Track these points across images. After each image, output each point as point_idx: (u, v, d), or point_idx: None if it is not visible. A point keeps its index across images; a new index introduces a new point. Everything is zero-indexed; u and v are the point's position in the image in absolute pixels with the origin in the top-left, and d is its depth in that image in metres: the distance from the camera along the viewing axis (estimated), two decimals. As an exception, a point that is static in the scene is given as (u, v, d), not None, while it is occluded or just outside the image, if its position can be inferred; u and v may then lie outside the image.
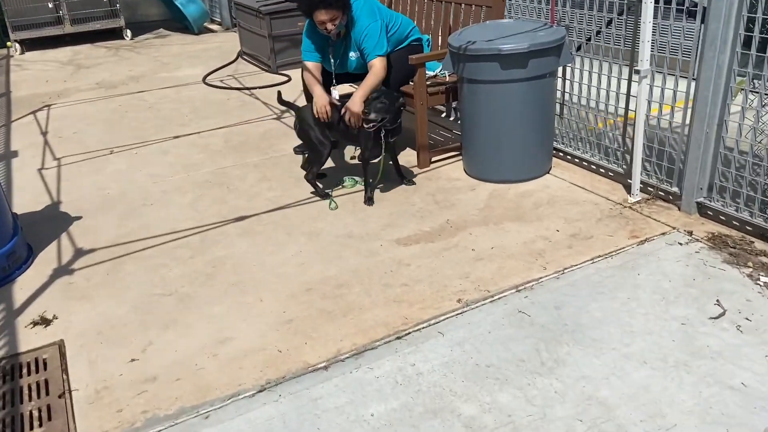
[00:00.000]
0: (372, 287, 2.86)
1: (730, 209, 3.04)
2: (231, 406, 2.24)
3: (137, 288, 3.01)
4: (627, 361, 2.29)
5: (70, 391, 2.38)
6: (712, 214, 3.14)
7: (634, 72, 3.23)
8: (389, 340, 2.50)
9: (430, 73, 4.09)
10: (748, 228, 2.98)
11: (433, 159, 4.14)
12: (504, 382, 2.24)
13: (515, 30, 3.60)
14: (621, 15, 3.42)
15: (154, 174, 4.31)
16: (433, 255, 3.07)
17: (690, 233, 3.05)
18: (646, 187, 3.45)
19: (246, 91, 6.11)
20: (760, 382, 2.14)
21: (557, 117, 3.93)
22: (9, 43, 8.44)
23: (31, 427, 2.23)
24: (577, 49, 3.73)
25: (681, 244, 2.97)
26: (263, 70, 6.84)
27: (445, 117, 4.92)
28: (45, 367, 2.52)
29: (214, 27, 9.59)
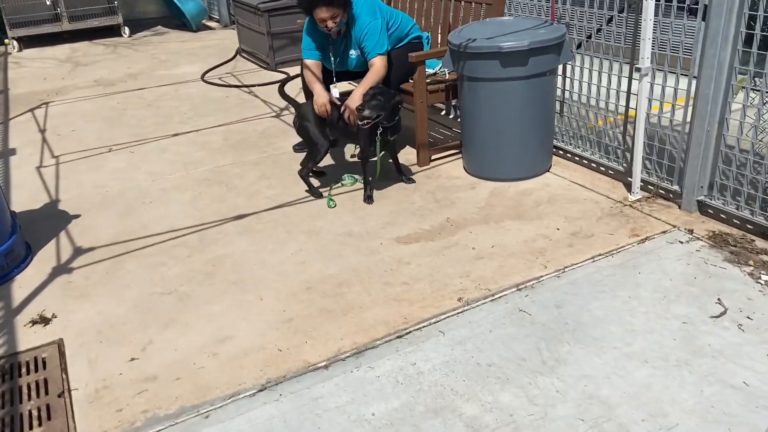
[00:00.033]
0: (372, 286, 2.85)
1: (731, 207, 3.04)
2: (231, 406, 2.23)
3: (136, 286, 3.00)
4: (628, 360, 2.28)
5: (69, 390, 2.38)
6: (712, 212, 3.14)
7: (635, 70, 3.22)
8: (390, 339, 2.49)
9: (430, 70, 4.08)
10: (749, 226, 2.98)
11: (433, 157, 4.13)
12: (505, 381, 2.23)
13: (515, 27, 3.59)
14: (622, 12, 3.41)
15: (153, 172, 4.29)
16: (434, 253, 3.06)
17: (691, 232, 3.04)
18: (646, 185, 3.44)
19: (245, 88, 6.10)
20: (762, 381, 2.13)
21: (557, 115, 3.92)
22: (7, 41, 8.41)
23: (31, 426, 2.22)
24: (578, 47, 3.72)
25: (682, 242, 2.97)
26: (262, 67, 6.82)
27: (445, 115, 4.91)
28: (44, 366, 2.51)
29: (212, 24, 9.56)
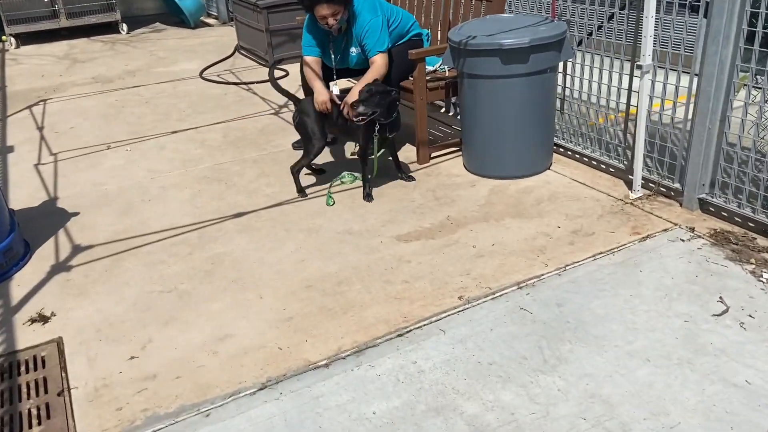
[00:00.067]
0: (372, 284, 2.84)
1: (733, 205, 3.03)
2: (232, 404, 2.22)
3: (136, 285, 2.98)
4: (630, 358, 2.27)
5: (69, 389, 2.36)
6: (714, 210, 3.13)
7: (636, 67, 3.21)
8: (390, 338, 2.48)
9: (430, 68, 4.07)
10: (751, 224, 2.97)
11: (433, 155, 4.11)
12: (506, 379, 2.22)
13: (516, 25, 3.58)
14: (623, 9, 3.40)
15: (152, 169, 4.28)
16: (434, 251, 3.05)
17: (692, 230, 3.04)
18: (647, 183, 3.43)
19: (243, 85, 6.08)
20: (764, 380, 2.13)
21: (558, 112, 3.91)
22: (4, 37, 8.39)
23: (30, 425, 2.21)
24: (579, 44, 3.71)
25: (683, 240, 2.96)
26: (260, 64, 6.80)
27: (445, 112, 4.90)
28: (43, 364, 2.49)
29: (210, 21, 9.54)
